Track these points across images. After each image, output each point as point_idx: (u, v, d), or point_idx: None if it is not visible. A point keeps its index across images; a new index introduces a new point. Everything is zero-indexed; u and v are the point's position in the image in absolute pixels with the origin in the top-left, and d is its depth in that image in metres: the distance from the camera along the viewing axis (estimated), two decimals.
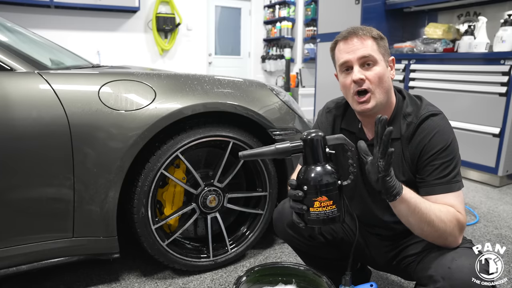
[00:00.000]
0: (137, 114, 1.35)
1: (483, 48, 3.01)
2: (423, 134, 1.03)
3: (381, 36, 1.07)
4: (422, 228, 0.94)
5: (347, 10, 3.97)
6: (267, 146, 0.94)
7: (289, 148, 0.91)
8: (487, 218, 2.28)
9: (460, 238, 0.97)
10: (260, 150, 0.95)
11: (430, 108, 1.06)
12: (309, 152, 0.90)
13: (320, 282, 1.07)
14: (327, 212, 0.88)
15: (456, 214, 0.95)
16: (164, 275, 1.61)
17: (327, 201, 0.88)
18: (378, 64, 1.03)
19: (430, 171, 1.01)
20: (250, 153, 0.96)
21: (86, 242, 1.36)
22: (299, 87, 6.47)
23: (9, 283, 1.50)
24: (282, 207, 1.28)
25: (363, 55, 1.02)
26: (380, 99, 1.05)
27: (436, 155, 1.00)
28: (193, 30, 6.36)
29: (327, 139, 0.91)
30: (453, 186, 0.99)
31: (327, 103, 1.29)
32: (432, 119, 1.04)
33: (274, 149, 0.92)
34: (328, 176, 0.88)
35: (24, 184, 1.25)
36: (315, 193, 0.88)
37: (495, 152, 2.80)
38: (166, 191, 1.56)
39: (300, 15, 6.73)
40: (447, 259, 0.93)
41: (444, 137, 1.01)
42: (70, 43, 4.88)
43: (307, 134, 0.90)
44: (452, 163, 1.00)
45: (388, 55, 1.08)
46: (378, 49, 1.04)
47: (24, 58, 1.32)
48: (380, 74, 1.03)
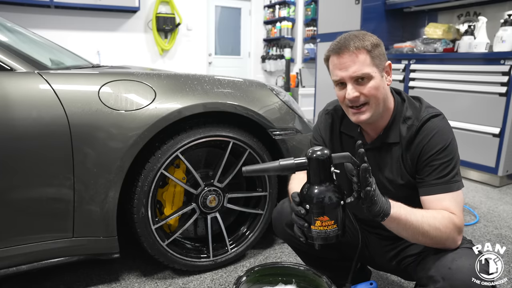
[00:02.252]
0: (137, 114, 1.35)
1: (483, 48, 3.01)
2: (422, 135, 1.03)
3: (376, 43, 1.03)
4: (417, 238, 0.94)
5: (347, 10, 3.97)
6: (271, 162, 0.93)
7: (293, 165, 0.89)
8: (487, 218, 2.28)
9: (459, 240, 0.97)
10: (263, 166, 0.94)
11: (430, 110, 1.06)
12: (313, 171, 0.87)
13: (320, 282, 1.07)
14: (328, 231, 0.87)
15: (451, 218, 0.94)
16: (164, 275, 1.61)
17: (329, 221, 0.87)
18: (373, 78, 1.01)
19: (429, 172, 1.01)
20: (254, 169, 0.94)
21: (86, 242, 1.36)
22: (299, 87, 6.47)
23: (9, 283, 1.50)
24: (281, 207, 1.28)
25: (356, 73, 1.00)
26: (376, 110, 1.05)
27: (435, 155, 1.01)
28: (193, 30, 6.36)
29: (333, 157, 0.87)
30: (452, 186, 0.99)
31: (327, 105, 1.29)
32: (432, 121, 1.04)
33: (278, 166, 0.90)
34: (331, 197, 0.86)
35: (24, 184, 1.25)
36: (317, 214, 0.87)
37: (495, 152, 2.79)
38: (166, 191, 1.56)
39: (300, 15, 6.73)
40: (448, 259, 0.93)
41: (443, 138, 1.02)
42: (70, 43, 4.87)
43: (312, 152, 0.87)
44: (451, 163, 1.00)
45: (385, 61, 1.05)
46: (372, 62, 1.01)
47: (24, 58, 1.32)
48: (374, 87, 1.01)
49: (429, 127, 1.03)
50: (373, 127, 1.12)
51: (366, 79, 1.01)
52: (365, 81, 1.01)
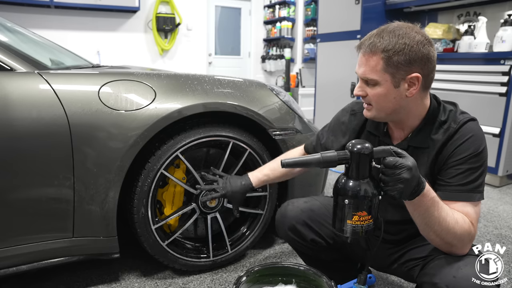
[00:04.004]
0: (137, 114, 1.35)
1: (483, 48, 3.01)
2: (458, 135, 0.99)
3: (400, 50, 0.93)
4: (430, 231, 0.92)
5: (347, 10, 3.97)
6: (313, 155, 0.91)
7: (335, 158, 0.88)
8: (487, 218, 2.28)
9: (467, 249, 0.95)
10: (304, 158, 0.93)
11: (466, 115, 1.03)
12: (354, 166, 0.86)
13: (320, 282, 1.07)
14: (364, 226, 0.88)
15: (469, 227, 0.92)
16: (164, 275, 1.61)
17: (366, 215, 0.87)
18: (380, 85, 0.97)
19: (454, 174, 0.97)
20: (294, 161, 0.93)
21: (86, 242, 1.36)
22: (299, 87, 6.47)
23: (9, 283, 1.50)
24: (284, 210, 1.28)
25: (363, 75, 0.99)
26: (379, 116, 1.03)
27: (465, 159, 0.96)
28: (193, 30, 6.36)
29: (375, 151, 0.85)
30: (474, 196, 0.95)
31: (352, 105, 1.25)
32: (469, 124, 1.00)
33: (320, 158, 0.89)
34: (371, 193, 0.86)
35: (24, 184, 1.25)
36: (355, 208, 0.87)
37: (495, 152, 2.79)
38: (166, 191, 1.56)
39: (300, 15, 6.73)
40: (453, 267, 0.91)
41: (477, 143, 0.97)
42: (70, 43, 4.87)
43: (354, 146, 0.85)
44: (478, 171, 0.96)
45: (408, 71, 0.95)
46: (385, 68, 0.95)
47: (24, 58, 1.32)
48: (379, 95, 0.98)
49: (466, 129, 0.99)
50: (399, 127, 1.08)
51: (374, 84, 0.98)
52: (373, 85, 0.99)
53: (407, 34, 0.94)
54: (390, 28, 0.97)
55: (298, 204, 1.27)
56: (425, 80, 0.98)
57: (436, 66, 1.00)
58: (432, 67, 0.98)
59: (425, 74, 0.97)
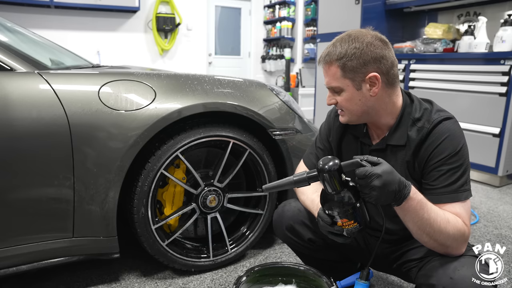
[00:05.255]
0: (137, 114, 1.35)
1: (483, 48, 3.01)
2: (433, 138, 0.99)
3: (351, 54, 0.97)
4: (422, 234, 0.92)
5: (347, 10, 3.97)
6: (285, 179, 0.97)
7: (305, 178, 0.93)
8: (487, 218, 2.28)
9: (463, 249, 0.95)
10: (279, 182, 0.98)
11: (442, 113, 1.03)
12: (326, 183, 0.90)
13: (320, 282, 1.08)
14: (349, 229, 0.94)
15: (462, 226, 0.92)
16: (164, 275, 1.61)
17: (348, 221, 0.93)
18: (344, 90, 1.02)
19: (436, 176, 0.98)
20: (272, 186, 0.99)
21: (86, 242, 1.36)
22: (299, 87, 6.47)
23: (9, 283, 1.50)
24: (282, 210, 1.28)
25: (328, 84, 1.05)
26: (352, 119, 1.07)
27: (444, 160, 0.97)
28: (193, 30, 6.36)
29: (343, 166, 0.88)
30: (460, 196, 0.96)
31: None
32: (443, 124, 1.00)
33: (292, 181, 0.95)
34: (345, 203, 0.91)
35: (24, 184, 1.25)
36: (338, 217, 0.94)
37: (495, 152, 2.80)
38: (166, 191, 1.56)
39: (300, 15, 6.73)
40: (450, 268, 0.91)
41: (454, 142, 0.98)
42: (70, 43, 4.88)
43: (322, 164, 0.89)
44: (460, 169, 0.97)
45: (365, 73, 0.98)
46: (343, 75, 0.99)
47: (24, 58, 1.32)
48: (346, 100, 1.03)
49: (440, 130, 0.99)
50: (376, 127, 1.10)
51: (339, 91, 1.03)
52: (338, 92, 1.04)
53: (357, 38, 0.99)
54: (343, 35, 1.02)
55: (296, 204, 1.27)
56: (386, 77, 1.00)
57: (436, 66, 1.01)
58: (389, 64, 1.00)
59: (383, 72, 0.99)
